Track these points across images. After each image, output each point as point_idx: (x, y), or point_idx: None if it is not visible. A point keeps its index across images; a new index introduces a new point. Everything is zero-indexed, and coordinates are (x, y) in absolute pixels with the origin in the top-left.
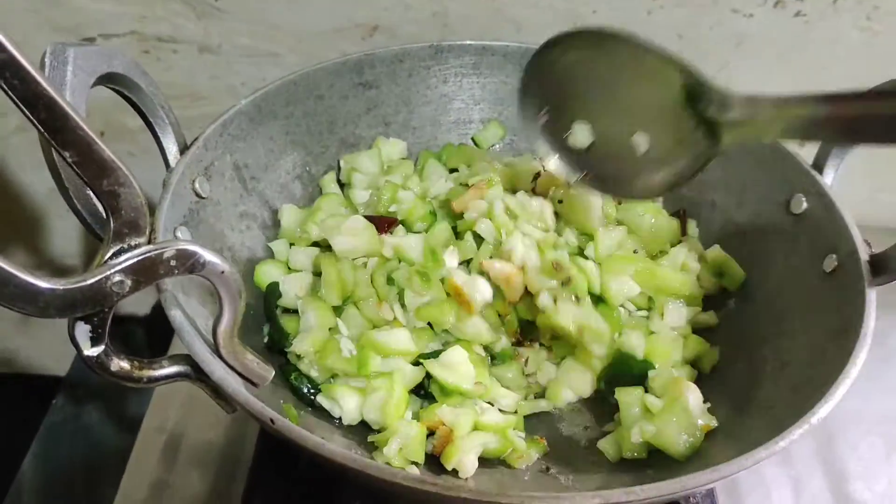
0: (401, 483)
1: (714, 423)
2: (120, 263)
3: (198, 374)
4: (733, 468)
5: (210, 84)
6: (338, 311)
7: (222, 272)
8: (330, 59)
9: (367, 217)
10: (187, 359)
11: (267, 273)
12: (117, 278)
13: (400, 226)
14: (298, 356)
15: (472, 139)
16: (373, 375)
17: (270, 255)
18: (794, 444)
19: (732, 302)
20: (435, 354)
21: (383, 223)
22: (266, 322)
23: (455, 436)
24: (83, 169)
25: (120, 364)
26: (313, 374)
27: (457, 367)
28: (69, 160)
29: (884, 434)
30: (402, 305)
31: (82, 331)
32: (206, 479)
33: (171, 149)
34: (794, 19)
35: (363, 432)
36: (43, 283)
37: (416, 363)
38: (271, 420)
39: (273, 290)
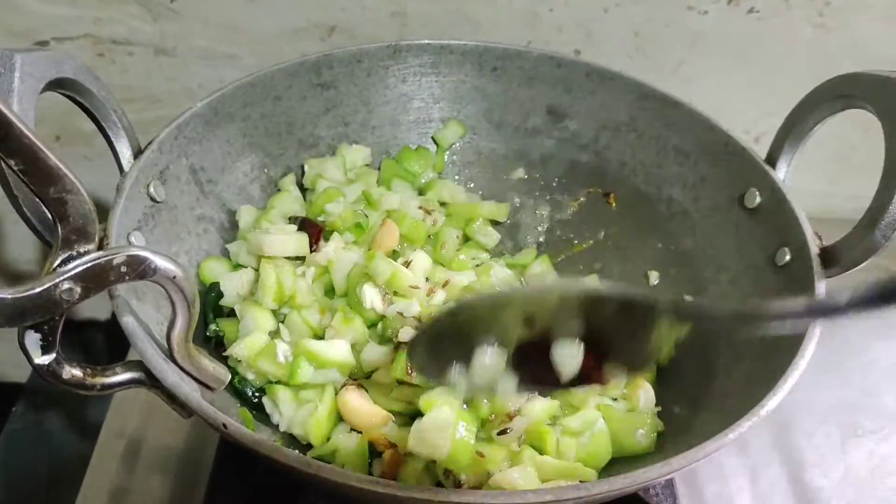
0: (356, 486)
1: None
2: (69, 271)
3: (152, 380)
4: (683, 462)
5: (166, 86)
6: (286, 320)
7: (174, 277)
8: (288, 60)
9: (303, 220)
10: (141, 365)
11: (212, 270)
12: (66, 286)
13: (335, 233)
14: (238, 360)
15: (433, 138)
16: (303, 386)
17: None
18: (751, 434)
19: (688, 296)
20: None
21: (315, 230)
22: (212, 321)
23: (403, 453)
24: (29, 177)
25: (72, 372)
26: (250, 377)
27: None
28: (14, 168)
29: (839, 423)
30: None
31: (32, 339)
32: (166, 484)
33: (125, 153)
34: (747, 16)
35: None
36: None
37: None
38: (224, 425)
39: (212, 289)
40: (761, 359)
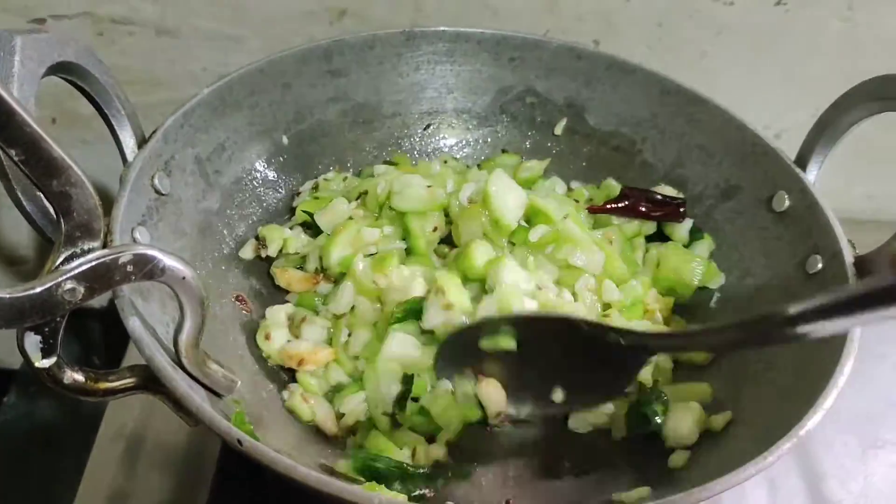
0: None
1: None
2: (72, 270)
3: (158, 386)
4: (723, 485)
5: (168, 69)
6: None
7: (183, 277)
8: (296, 44)
9: None
10: (146, 369)
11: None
12: (69, 286)
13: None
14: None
15: None
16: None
17: (234, 251)
18: None
19: (714, 301)
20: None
21: None
22: None
23: None
24: (31, 168)
25: (74, 376)
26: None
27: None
28: (15, 159)
29: (858, 433)
30: None
31: (32, 341)
32: (167, 485)
33: (128, 142)
34: (774, 8)
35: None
36: None
37: None
38: (239, 441)
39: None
40: (792, 372)
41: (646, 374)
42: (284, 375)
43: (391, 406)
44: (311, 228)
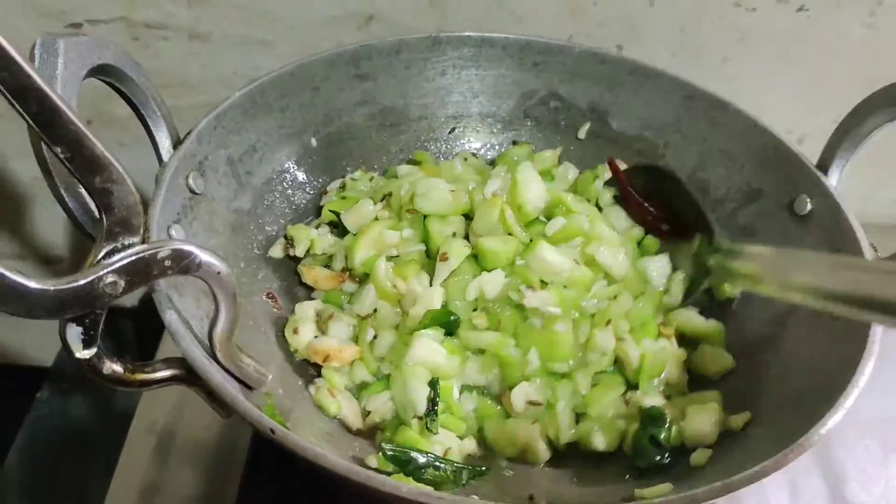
0: (405, 497)
1: None
2: (113, 264)
3: (193, 378)
4: (743, 481)
5: (201, 73)
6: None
7: (218, 273)
8: (324, 49)
9: None
10: (182, 362)
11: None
12: (110, 279)
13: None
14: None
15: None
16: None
17: (265, 250)
18: None
19: (735, 304)
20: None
21: None
22: None
23: None
24: (75, 165)
25: (112, 367)
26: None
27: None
28: (60, 156)
29: (880, 436)
30: None
31: (74, 333)
32: (199, 479)
33: (164, 142)
34: (796, 14)
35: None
36: (32, 284)
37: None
38: (272, 430)
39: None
40: (812, 373)
41: (657, 398)
42: (311, 370)
43: (421, 410)
44: (338, 227)
